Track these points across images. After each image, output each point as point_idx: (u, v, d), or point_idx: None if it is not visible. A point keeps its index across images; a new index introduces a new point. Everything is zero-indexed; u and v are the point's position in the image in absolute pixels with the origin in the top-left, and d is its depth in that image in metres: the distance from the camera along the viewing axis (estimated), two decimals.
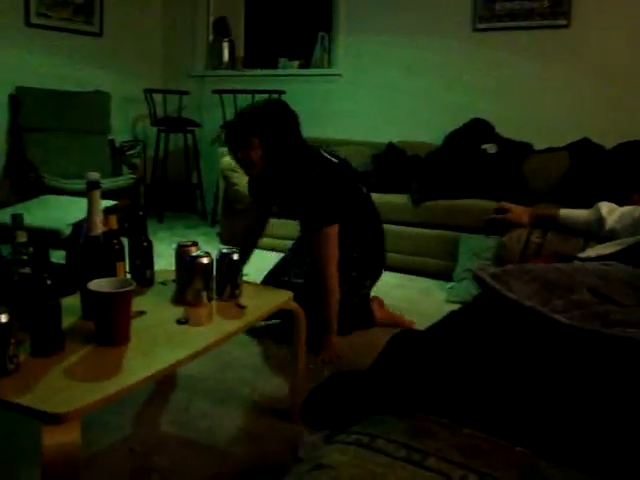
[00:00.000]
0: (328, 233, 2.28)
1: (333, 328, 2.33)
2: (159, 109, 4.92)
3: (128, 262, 1.68)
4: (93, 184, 1.46)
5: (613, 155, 3.39)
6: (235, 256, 1.70)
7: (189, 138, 5.06)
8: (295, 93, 4.36)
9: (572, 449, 0.82)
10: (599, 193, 2.32)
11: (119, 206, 2.83)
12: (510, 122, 3.88)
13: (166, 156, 5.01)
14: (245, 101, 3.68)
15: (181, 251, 1.71)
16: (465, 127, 3.94)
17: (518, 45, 4.00)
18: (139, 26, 5.21)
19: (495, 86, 4.06)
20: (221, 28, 5.25)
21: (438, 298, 3.10)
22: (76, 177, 3.80)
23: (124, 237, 1.64)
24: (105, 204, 1.70)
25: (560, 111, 3.88)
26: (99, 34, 4.86)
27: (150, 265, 1.75)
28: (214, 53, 5.26)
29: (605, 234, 1.70)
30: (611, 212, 1.74)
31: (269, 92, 4.41)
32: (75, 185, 3.73)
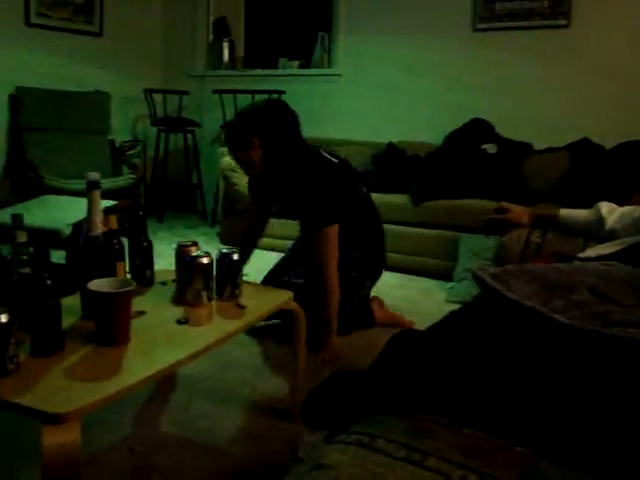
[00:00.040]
0: (328, 233, 2.28)
1: (333, 328, 2.33)
2: (159, 109, 4.92)
3: (128, 262, 1.68)
4: (93, 184, 1.47)
5: (613, 155, 3.39)
6: (235, 256, 1.70)
7: (189, 138, 5.06)
8: (295, 93, 4.36)
9: (572, 449, 0.82)
10: (599, 193, 2.32)
11: (119, 206, 2.83)
12: (510, 122, 3.88)
13: (166, 156, 5.01)
14: (245, 101, 3.68)
15: (181, 251, 1.71)
16: (465, 127, 3.94)
17: (518, 45, 4.00)
18: (139, 26, 5.21)
19: (495, 86, 4.06)
20: (221, 28, 5.25)
21: (438, 298, 3.10)
22: (76, 177, 3.80)
23: (124, 237, 1.64)
24: (105, 204, 1.70)
25: (560, 111, 3.88)
26: (99, 34, 4.87)
27: (150, 265, 1.75)
28: (214, 53, 5.26)
29: (605, 234, 1.70)
30: (611, 212, 1.74)
31: (269, 92, 4.41)
32: (75, 185, 3.72)
